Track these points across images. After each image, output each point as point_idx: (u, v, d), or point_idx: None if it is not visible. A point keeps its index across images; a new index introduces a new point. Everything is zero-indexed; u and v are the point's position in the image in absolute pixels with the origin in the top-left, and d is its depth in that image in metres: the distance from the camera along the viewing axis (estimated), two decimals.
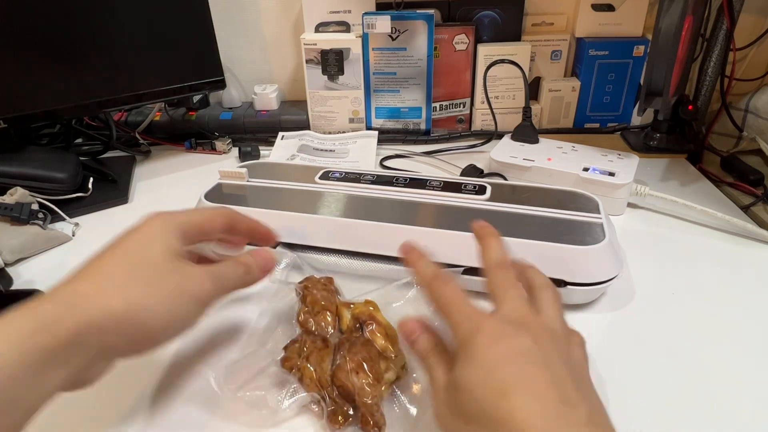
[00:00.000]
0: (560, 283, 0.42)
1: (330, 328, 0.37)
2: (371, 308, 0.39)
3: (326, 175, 0.53)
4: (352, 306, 0.40)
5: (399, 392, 0.35)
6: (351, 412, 0.33)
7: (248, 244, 0.41)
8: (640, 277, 0.47)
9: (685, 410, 0.35)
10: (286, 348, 0.36)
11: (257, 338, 0.39)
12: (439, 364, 0.29)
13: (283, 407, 0.33)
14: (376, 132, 0.76)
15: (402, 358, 0.36)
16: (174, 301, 0.29)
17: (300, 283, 0.42)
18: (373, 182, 0.51)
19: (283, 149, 0.73)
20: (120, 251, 0.30)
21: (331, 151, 0.73)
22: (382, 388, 0.34)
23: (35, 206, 0.56)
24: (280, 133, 0.76)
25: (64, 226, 0.58)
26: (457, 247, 0.43)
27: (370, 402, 0.32)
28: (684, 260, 0.50)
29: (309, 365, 0.34)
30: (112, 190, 0.65)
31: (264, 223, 0.39)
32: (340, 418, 0.32)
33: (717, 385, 0.37)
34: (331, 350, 0.36)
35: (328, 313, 0.38)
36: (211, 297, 0.32)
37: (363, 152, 0.72)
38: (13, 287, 0.49)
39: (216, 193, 0.52)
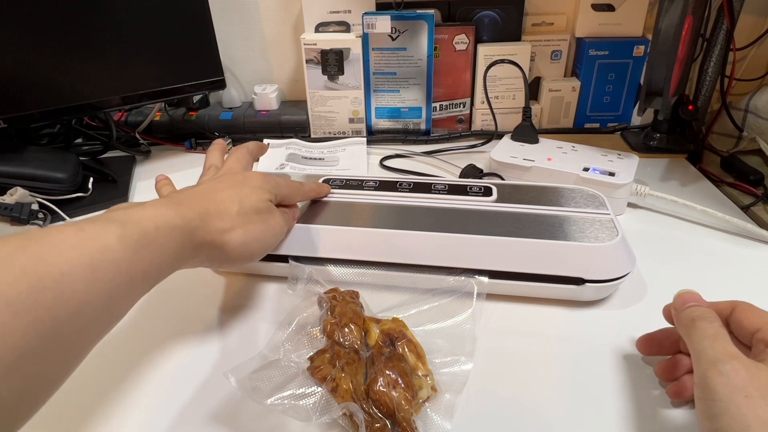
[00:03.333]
0: (579, 281, 0.42)
1: (357, 341, 0.36)
2: (401, 325, 0.38)
3: (327, 183, 0.51)
4: (380, 322, 0.39)
5: (430, 411, 0.34)
6: (388, 426, 0.32)
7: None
8: (639, 277, 0.47)
9: (687, 406, 0.35)
10: (312, 358, 0.35)
11: (279, 346, 0.38)
12: (720, 332, 0.29)
13: (313, 420, 0.32)
14: (365, 138, 0.76)
15: (432, 378, 0.35)
16: (266, 238, 0.39)
17: (326, 293, 0.41)
18: (376, 188, 0.50)
19: (271, 158, 0.72)
20: (234, 194, 0.38)
21: (320, 159, 0.72)
22: (417, 406, 0.33)
23: (35, 206, 0.56)
24: (265, 141, 0.75)
25: None
26: (477, 250, 0.43)
27: (409, 417, 0.32)
28: (684, 260, 0.50)
29: (345, 376, 0.33)
30: (112, 190, 0.65)
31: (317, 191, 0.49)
32: (378, 430, 0.31)
33: None
34: (363, 363, 0.35)
35: (355, 326, 0.37)
36: (284, 233, 0.43)
37: (353, 159, 0.72)
38: None
39: None
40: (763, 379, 0.26)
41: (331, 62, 0.74)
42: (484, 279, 0.43)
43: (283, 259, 0.46)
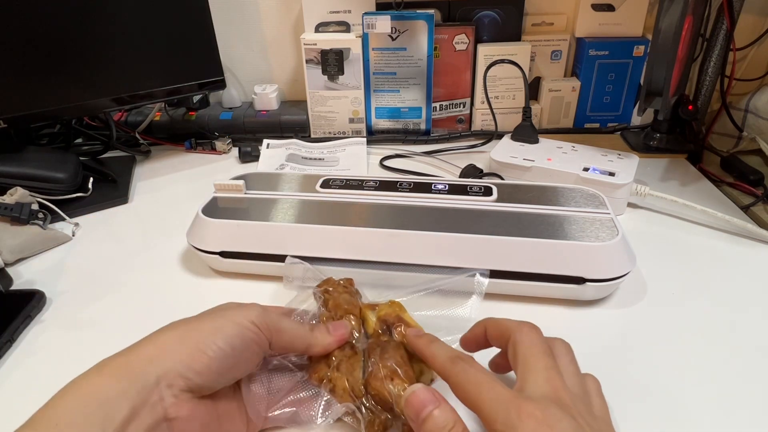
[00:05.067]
0: (579, 280, 0.42)
1: (355, 332, 0.36)
2: (397, 309, 0.37)
3: (327, 183, 0.51)
4: (376, 308, 0.38)
5: None
6: (390, 419, 0.31)
7: None
8: (639, 277, 0.47)
9: (686, 406, 0.35)
10: (311, 358, 0.34)
11: None
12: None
13: (317, 423, 0.31)
14: (365, 138, 0.76)
15: None
16: (220, 322, 0.30)
17: (319, 286, 0.40)
18: (376, 188, 0.50)
19: (271, 158, 0.72)
20: None
21: (320, 159, 0.72)
22: None
23: (35, 206, 0.56)
24: (265, 141, 0.75)
25: (64, 226, 0.58)
26: (477, 250, 0.43)
27: None
28: (684, 260, 0.50)
29: (340, 375, 0.32)
30: (112, 190, 0.65)
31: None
32: (380, 427, 0.31)
33: (717, 383, 0.37)
34: (360, 357, 0.34)
35: (352, 317, 0.36)
36: (259, 324, 0.31)
37: (354, 159, 0.72)
38: (13, 287, 0.48)
39: (213, 208, 0.49)
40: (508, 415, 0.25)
41: (331, 62, 0.74)
42: (484, 278, 0.43)
43: (283, 259, 0.46)
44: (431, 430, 0.27)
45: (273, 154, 0.73)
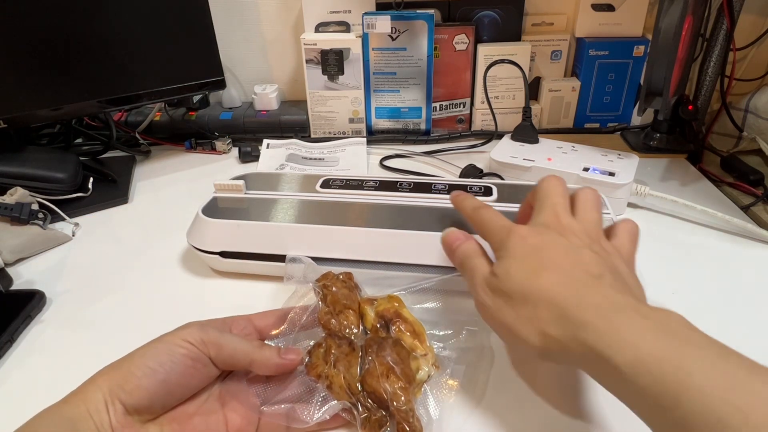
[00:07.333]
0: None
1: (354, 327, 0.36)
2: (396, 304, 0.37)
3: (327, 184, 0.51)
4: (375, 303, 0.38)
5: (430, 393, 0.33)
6: (385, 416, 0.31)
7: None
8: (639, 276, 0.47)
9: None
10: (310, 353, 0.34)
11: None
12: (479, 264, 0.34)
13: (314, 419, 0.31)
14: (365, 138, 0.76)
15: (432, 356, 0.34)
16: (153, 344, 0.32)
17: (318, 281, 0.39)
18: (376, 188, 0.50)
19: (271, 159, 0.72)
20: None
21: (320, 159, 0.72)
22: (415, 390, 0.32)
23: (35, 206, 0.56)
24: (265, 141, 0.75)
25: (64, 226, 0.58)
26: None
27: (404, 408, 0.31)
28: (684, 260, 0.50)
29: (337, 372, 0.32)
30: (112, 190, 0.65)
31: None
32: (375, 425, 0.31)
33: None
34: (358, 353, 0.34)
35: (351, 312, 0.36)
36: (193, 341, 0.32)
37: (354, 159, 0.72)
38: (13, 287, 0.49)
39: (213, 208, 0.49)
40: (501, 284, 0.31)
41: (331, 62, 0.74)
42: None
43: (282, 259, 0.46)
44: (461, 254, 0.35)
45: (273, 154, 0.73)
